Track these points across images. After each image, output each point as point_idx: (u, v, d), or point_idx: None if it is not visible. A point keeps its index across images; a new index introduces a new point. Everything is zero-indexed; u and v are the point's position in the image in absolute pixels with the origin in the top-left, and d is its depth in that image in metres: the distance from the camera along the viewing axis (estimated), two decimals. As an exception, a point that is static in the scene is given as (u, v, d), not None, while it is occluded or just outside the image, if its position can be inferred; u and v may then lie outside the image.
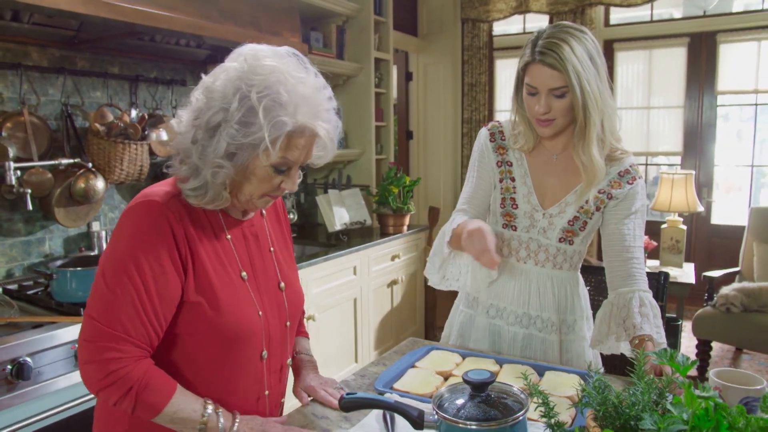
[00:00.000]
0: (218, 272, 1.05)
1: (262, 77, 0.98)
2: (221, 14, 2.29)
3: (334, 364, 3.01)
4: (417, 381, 1.23)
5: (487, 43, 5.36)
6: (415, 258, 3.75)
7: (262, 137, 0.96)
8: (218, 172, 1.00)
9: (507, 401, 0.92)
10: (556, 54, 1.30)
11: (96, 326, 0.97)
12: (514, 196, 1.50)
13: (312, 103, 1.00)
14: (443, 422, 0.90)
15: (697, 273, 3.77)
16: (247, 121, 0.97)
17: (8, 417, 1.60)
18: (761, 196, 4.80)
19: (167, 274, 0.99)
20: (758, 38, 4.42)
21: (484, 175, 1.54)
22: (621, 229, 1.43)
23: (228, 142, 0.98)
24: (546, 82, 1.34)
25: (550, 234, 1.48)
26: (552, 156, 1.50)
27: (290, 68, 1.01)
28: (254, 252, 1.14)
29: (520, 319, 1.51)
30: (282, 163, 1.02)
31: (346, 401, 0.96)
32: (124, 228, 1.01)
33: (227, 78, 0.99)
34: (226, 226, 1.10)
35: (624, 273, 1.41)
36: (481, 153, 1.55)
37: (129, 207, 1.02)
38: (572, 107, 1.36)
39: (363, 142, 3.78)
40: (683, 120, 4.75)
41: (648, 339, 1.29)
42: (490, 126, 1.58)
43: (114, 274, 0.98)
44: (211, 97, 0.99)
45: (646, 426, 0.76)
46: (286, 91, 0.97)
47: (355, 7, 3.55)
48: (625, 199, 1.44)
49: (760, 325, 3.17)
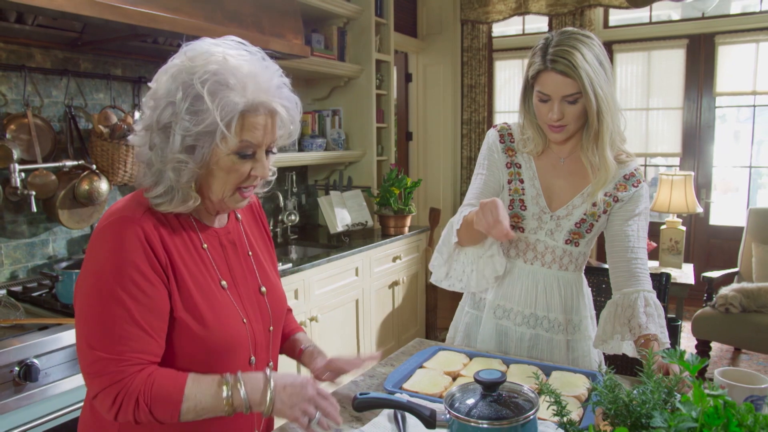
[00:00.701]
0: (199, 284, 1.03)
1: (202, 64, 0.96)
2: (225, 16, 2.30)
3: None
4: (426, 381, 1.25)
5: (487, 45, 5.38)
6: (416, 259, 3.76)
7: (215, 121, 0.94)
8: (181, 168, 0.97)
9: (518, 400, 0.93)
10: (569, 61, 1.32)
11: (99, 357, 0.93)
12: (522, 198, 1.52)
13: (261, 80, 0.98)
14: (455, 421, 0.91)
15: (696, 274, 3.79)
16: (195, 109, 0.94)
17: (16, 418, 1.61)
18: (758, 197, 4.83)
19: (155, 286, 0.97)
20: (756, 40, 4.45)
21: (493, 172, 1.55)
22: (625, 231, 1.45)
23: (182, 135, 0.95)
24: (559, 89, 1.36)
25: (557, 236, 1.50)
26: (559, 159, 1.52)
27: (230, 50, 0.99)
28: (232, 259, 1.12)
29: (527, 320, 1.53)
30: (244, 146, 0.98)
31: (360, 401, 0.97)
32: (99, 250, 0.97)
33: (169, 76, 0.98)
34: (202, 236, 1.07)
35: (628, 273, 1.42)
36: (491, 152, 1.57)
37: (100, 228, 0.98)
38: (584, 112, 1.39)
39: (364, 144, 3.79)
40: (682, 121, 4.77)
41: (653, 339, 1.31)
42: (499, 127, 1.59)
43: (101, 299, 0.94)
44: (157, 98, 0.98)
45: (656, 424, 0.77)
46: (229, 72, 0.95)
47: (356, 9, 3.56)
48: (629, 201, 1.47)
49: (759, 325, 3.19)
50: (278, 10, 2.60)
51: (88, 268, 0.97)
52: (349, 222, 3.40)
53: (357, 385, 1.28)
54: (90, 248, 0.99)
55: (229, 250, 1.12)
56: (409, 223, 3.57)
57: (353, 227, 3.42)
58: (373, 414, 1.11)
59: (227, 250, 1.12)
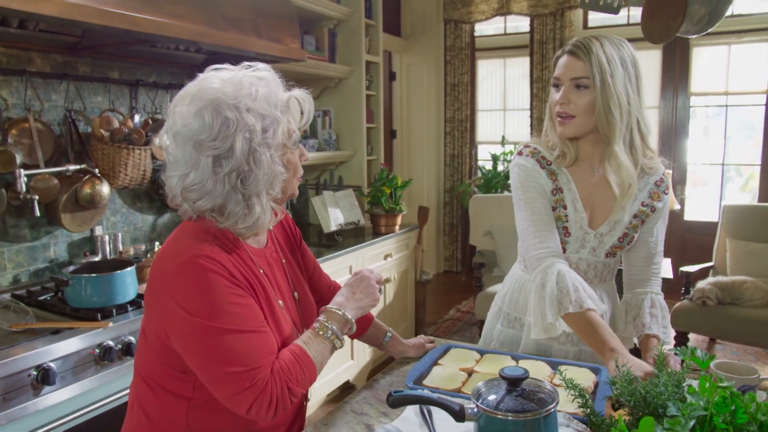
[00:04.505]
0: (266, 306, 1.09)
1: (238, 88, 1.02)
2: (225, 21, 2.34)
3: (331, 361, 3.07)
4: (444, 377, 1.32)
5: (469, 44, 5.48)
6: (406, 257, 3.84)
7: (277, 119, 1.04)
8: (275, 181, 1.06)
9: (540, 394, 1.01)
10: (584, 46, 1.35)
11: (239, 374, 0.97)
12: (566, 225, 1.46)
13: (276, 80, 1.09)
14: (483, 414, 0.99)
15: (674, 268, 3.96)
16: (267, 126, 1.03)
17: (34, 421, 1.64)
18: (726, 191, 5.04)
19: (245, 296, 1.03)
20: (728, 42, 4.63)
21: (543, 201, 1.45)
22: (648, 238, 1.48)
23: (270, 153, 1.03)
24: (568, 71, 1.37)
25: (599, 252, 1.48)
26: (593, 170, 1.47)
27: (242, 69, 1.08)
28: (278, 275, 1.19)
29: (571, 338, 1.51)
30: (297, 139, 1.12)
31: (394, 398, 1.04)
32: (187, 292, 0.99)
33: (211, 111, 1.00)
34: (256, 259, 1.12)
35: (643, 277, 1.49)
36: (534, 180, 1.45)
37: (178, 269, 1.00)
38: (593, 105, 1.36)
39: (354, 144, 3.85)
40: (659, 120, 4.95)
41: (654, 337, 1.40)
42: (528, 152, 1.48)
43: (211, 335, 0.98)
44: (214, 138, 1.00)
45: (671, 413, 0.87)
46: (261, 82, 1.05)
47: (347, 11, 3.61)
48: (662, 209, 1.47)
49: (733, 317, 3.35)
50: (276, 15, 2.64)
51: (182, 311, 0.99)
52: (341, 221, 3.46)
53: (377, 382, 1.35)
54: (172, 289, 1.00)
55: (275, 267, 1.19)
56: (399, 221, 3.65)
57: (346, 226, 3.49)
58: (400, 409, 1.18)
59: (273, 268, 1.18)
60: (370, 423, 1.15)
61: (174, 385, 1.07)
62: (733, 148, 4.94)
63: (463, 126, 5.56)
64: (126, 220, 2.65)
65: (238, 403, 0.98)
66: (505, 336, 1.61)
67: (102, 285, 1.93)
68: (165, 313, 1.02)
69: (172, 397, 1.07)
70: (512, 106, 5.66)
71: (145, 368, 1.11)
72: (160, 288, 1.02)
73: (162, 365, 1.07)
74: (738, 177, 5.06)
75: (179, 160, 1.03)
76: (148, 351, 1.09)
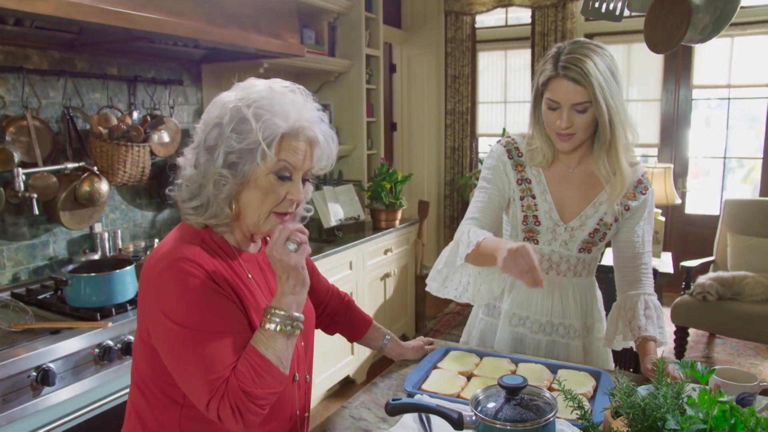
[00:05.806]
0: (254, 311, 1.08)
1: (249, 92, 1.05)
2: (225, 17, 2.31)
3: (332, 356, 3.09)
4: (443, 382, 1.32)
5: (470, 36, 5.43)
6: (406, 251, 3.84)
7: (257, 140, 1.00)
8: (221, 183, 1.03)
9: (538, 403, 1.01)
10: (580, 69, 1.33)
11: (207, 381, 0.97)
12: (536, 214, 1.52)
13: (302, 109, 1.06)
14: (481, 423, 0.99)
15: (674, 262, 3.96)
16: (240, 128, 1.02)
17: (34, 421, 1.64)
18: (727, 182, 5.01)
19: (225, 299, 1.03)
20: (731, 35, 4.59)
21: (498, 188, 1.54)
22: (632, 238, 1.51)
23: (226, 152, 1.02)
24: (569, 97, 1.37)
25: (571, 246, 1.52)
26: (569, 169, 1.53)
27: (275, 84, 1.08)
28: (272, 281, 1.18)
29: (544, 327, 1.56)
30: (282, 167, 1.04)
31: (392, 406, 1.04)
32: (167, 294, 1.00)
33: (221, 104, 1.06)
34: (245, 264, 1.13)
35: (633, 278, 1.51)
36: (496, 167, 1.55)
37: (159, 271, 1.01)
38: (593, 122, 1.40)
39: (354, 138, 3.83)
40: (660, 112, 4.92)
41: (651, 339, 1.40)
42: (504, 142, 1.58)
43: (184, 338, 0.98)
44: (207, 123, 1.06)
45: (670, 426, 0.86)
46: (275, 100, 1.04)
47: (347, 4, 3.58)
48: (639, 208, 1.51)
49: (734, 312, 3.36)
50: (276, 11, 2.61)
51: (159, 313, 1.00)
52: (342, 216, 3.46)
53: (376, 386, 1.35)
54: (154, 290, 1.02)
55: (267, 272, 1.18)
56: (400, 216, 3.64)
57: (346, 221, 3.48)
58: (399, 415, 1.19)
59: (266, 273, 1.17)
60: (368, 429, 1.15)
61: (164, 390, 1.07)
62: (735, 140, 4.92)
63: (464, 118, 5.53)
64: (125, 217, 2.64)
65: (209, 410, 0.98)
66: (485, 324, 1.67)
67: (101, 284, 1.93)
68: (149, 314, 1.04)
69: (164, 403, 1.07)
70: (513, 98, 5.63)
71: (138, 373, 1.12)
72: (146, 289, 1.05)
73: (150, 369, 1.08)
74: (740, 168, 5.04)
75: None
76: (140, 355, 1.10)
